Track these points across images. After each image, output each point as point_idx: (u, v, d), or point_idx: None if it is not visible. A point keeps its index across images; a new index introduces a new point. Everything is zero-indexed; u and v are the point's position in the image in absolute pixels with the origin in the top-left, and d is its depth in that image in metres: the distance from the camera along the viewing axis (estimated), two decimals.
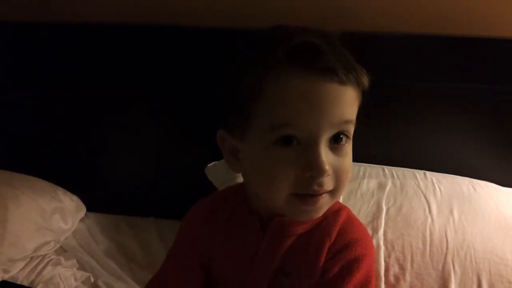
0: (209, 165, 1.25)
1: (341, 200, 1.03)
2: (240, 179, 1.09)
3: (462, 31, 1.16)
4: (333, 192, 0.70)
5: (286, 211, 0.72)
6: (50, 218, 1.27)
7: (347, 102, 0.67)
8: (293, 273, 0.75)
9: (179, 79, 1.31)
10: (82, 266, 1.23)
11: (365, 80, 0.71)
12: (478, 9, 1.18)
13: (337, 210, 0.79)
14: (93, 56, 1.34)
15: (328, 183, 0.67)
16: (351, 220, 0.79)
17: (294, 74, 0.65)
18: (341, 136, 0.68)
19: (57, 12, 1.35)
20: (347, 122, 0.68)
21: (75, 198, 1.39)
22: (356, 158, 1.15)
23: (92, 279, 1.18)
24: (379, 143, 1.26)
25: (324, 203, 0.70)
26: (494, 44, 1.14)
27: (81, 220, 1.40)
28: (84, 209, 1.41)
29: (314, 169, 0.65)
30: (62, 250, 1.27)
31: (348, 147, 0.70)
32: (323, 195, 0.68)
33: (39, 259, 1.18)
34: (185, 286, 0.81)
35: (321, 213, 0.71)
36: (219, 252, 0.81)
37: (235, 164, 0.75)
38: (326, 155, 0.66)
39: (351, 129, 0.69)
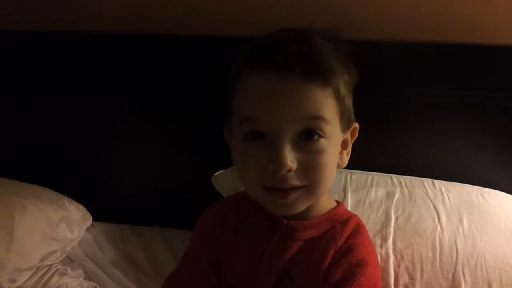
0: (215, 174, 1.25)
1: (349, 209, 1.02)
2: None
3: (471, 39, 1.16)
4: (308, 189, 0.71)
5: (264, 205, 0.75)
6: (56, 227, 1.26)
7: (311, 99, 0.68)
8: (298, 278, 0.75)
9: (184, 89, 1.31)
10: (88, 276, 1.22)
11: (341, 80, 0.72)
12: (485, 15, 1.17)
13: (347, 219, 0.79)
14: (99, 66, 1.34)
15: (293, 178, 0.69)
16: (359, 229, 0.79)
17: (255, 71, 0.69)
18: (312, 132, 0.69)
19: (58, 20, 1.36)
20: (314, 118, 0.69)
21: (81, 207, 1.38)
22: (363, 167, 1.17)
23: None
24: (387, 152, 1.26)
25: (297, 199, 0.71)
26: (502, 51, 1.14)
27: (87, 229, 1.39)
28: (90, 218, 1.41)
29: (275, 163, 0.67)
30: (69, 260, 1.26)
31: (322, 144, 0.70)
32: (294, 191, 0.70)
33: (45, 268, 1.17)
34: None
35: (297, 209, 0.73)
36: (229, 254, 0.81)
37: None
38: (289, 150, 0.68)
39: (323, 126, 0.70)
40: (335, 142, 0.73)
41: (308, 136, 0.69)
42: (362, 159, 0.81)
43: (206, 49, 1.26)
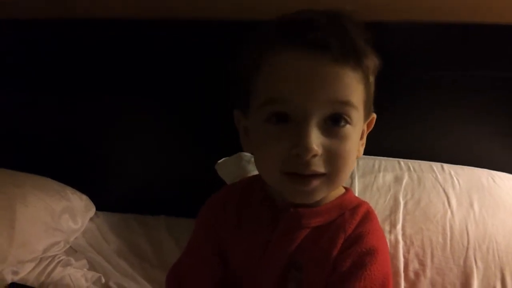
0: (219, 161, 1.23)
1: (356, 195, 1.00)
2: (251, 173, 1.07)
3: (481, 19, 1.12)
4: (328, 177, 0.68)
5: (281, 192, 0.72)
6: (59, 218, 1.25)
7: (343, 83, 0.65)
8: (305, 266, 0.73)
9: (185, 84, 1.30)
10: (92, 266, 1.21)
11: (372, 64, 0.69)
12: None
13: (356, 206, 0.77)
14: (104, 57, 1.33)
15: (317, 164, 0.66)
16: (369, 216, 0.76)
17: (285, 49, 0.65)
18: (339, 118, 0.66)
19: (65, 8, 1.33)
20: (344, 103, 0.66)
21: (84, 197, 1.37)
22: (370, 151, 1.15)
23: (103, 280, 1.16)
24: (394, 136, 1.23)
25: (318, 187, 0.68)
26: None
27: (91, 219, 1.38)
28: (94, 208, 1.40)
29: (300, 147, 0.64)
30: (72, 251, 1.25)
31: (348, 131, 0.67)
32: (316, 178, 0.67)
33: (48, 260, 1.16)
34: (201, 279, 0.80)
35: (316, 197, 0.70)
36: (233, 243, 0.80)
37: (247, 143, 0.76)
38: (316, 135, 0.65)
39: (351, 112, 0.67)
40: (358, 130, 0.71)
41: (335, 121, 0.66)
42: (369, 143, 0.78)
43: (206, 39, 1.24)
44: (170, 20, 1.26)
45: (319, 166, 0.66)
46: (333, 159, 0.67)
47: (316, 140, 0.64)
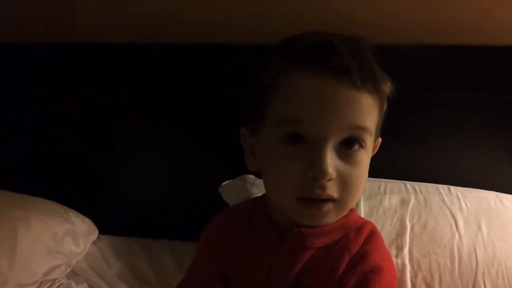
0: (223, 184, 1.23)
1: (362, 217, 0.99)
2: (257, 195, 1.06)
3: (488, 41, 1.13)
4: (339, 203, 0.67)
5: (291, 214, 0.71)
6: (61, 241, 1.23)
7: (361, 108, 0.65)
8: (310, 287, 0.71)
9: (191, 102, 1.31)
10: None
11: (387, 89, 0.69)
12: (503, 18, 1.15)
13: (360, 226, 0.76)
14: (104, 80, 1.34)
15: (331, 188, 0.65)
16: (373, 235, 0.75)
17: (306, 72, 0.65)
18: (354, 141, 0.66)
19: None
20: (360, 128, 0.66)
21: (87, 220, 1.36)
22: (376, 173, 1.13)
23: None
24: (399, 158, 1.23)
25: (329, 212, 0.68)
26: None
27: (93, 242, 1.36)
28: (96, 232, 1.38)
29: (316, 169, 0.63)
30: (73, 274, 1.23)
31: (361, 156, 0.67)
32: (328, 203, 0.66)
33: (49, 283, 1.14)
34: None
35: (326, 221, 0.70)
36: (236, 264, 0.78)
37: (253, 162, 0.75)
38: (332, 158, 0.64)
39: (365, 137, 0.67)
40: (369, 155, 0.71)
41: (349, 145, 0.66)
42: (375, 165, 0.77)
43: (214, 58, 1.26)
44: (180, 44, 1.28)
45: (333, 190, 0.66)
46: (346, 184, 0.66)
47: (331, 163, 0.64)
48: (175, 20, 1.28)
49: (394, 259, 0.95)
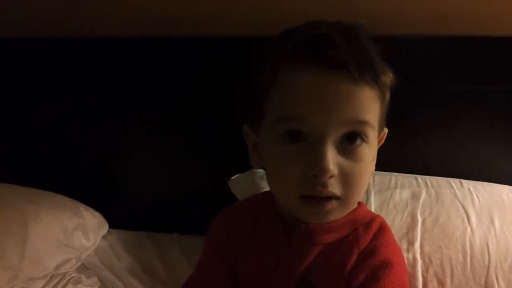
0: (232, 177, 1.22)
1: (373, 211, 0.98)
2: (264, 190, 1.06)
3: (497, 31, 1.11)
4: (343, 199, 0.66)
5: (297, 213, 0.70)
6: (71, 235, 1.24)
7: (360, 101, 0.64)
8: (318, 283, 0.71)
9: (199, 95, 1.30)
10: (104, 284, 1.19)
11: (388, 80, 0.68)
12: (504, 8, 1.13)
13: (369, 220, 0.75)
14: (111, 76, 1.34)
15: (334, 185, 0.64)
16: (382, 229, 0.74)
17: (303, 67, 0.64)
18: (355, 136, 0.65)
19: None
20: (361, 122, 0.65)
21: (97, 214, 1.36)
22: (386, 167, 1.12)
23: None
24: (410, 152, 1.22)
25: (333, 209, 0.67)
26: None
27: (103, 236, 1.37)
28: (107, 226, 1.39)
29: (317, 167, 0.62)
30: (84, 268, 1.24)
31: (363, 150, 0.66)
32: (331, 201, 0.65)
33: (59, 277, 1.14)
34: None
35: (330, 218, 0.69)
36: (244, 259, 0.78)
37: (257, 159, 0.75)
38: (332, 155, 0.63)
39: (367, 131, 0.65)
40: (373, 148, 0.70)
41: (351, 140, 0.65)
42: (384, 159, 0.77)
43: (217, 51, 1.26)
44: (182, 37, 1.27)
45: (335, 187, 0.65)
46: (349, 180, 0.65)
47: (332, 160, 0.63)
48: (175, 15, 1.28)
49: (405, 254, 0.94)
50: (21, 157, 1.45)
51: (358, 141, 0.65)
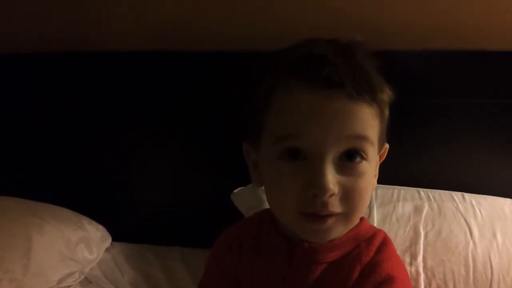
0: (235, 191, 1.22)
1: (375, 225, 0.98)
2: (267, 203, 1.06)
3: (497, 46, 1.12)
4: (345, 216, 0.66)
5: (296, 230, 0.70)
6: (75, 248, 1.24)
7: (358, 118, 0.64)
8: None
9: (202, 107, 1.31)
10: None
11: (386, 97, 0.68)
12: (503, 22, 1.14)
13: (371, 236, 0.74)
14: (116, 88, 1.35)
15: (334, 204, 0.64)
16: (384, 244, 0.74)
17: (300, 86, 0.64)
18: (355, 153, 0.64)
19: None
20: (360, 138, 0.64)
21: (100, 227, 1.36)
22: (388, 180, 1.13)
23: None
24: (412, 165, 1.22)
25: (334, 226, 0.66)
26: None
27: (107, 250, 1.37)
28: (110, 239, 1.39)
29: (317, 187, 0.62)
30: (87, 281, 1.24)
31: (363, 167, 0.65)
32: (331, 216, 0.65)
33: None
34: None
35: (331, 236, 0.68)
36: (247, 279, 0.77)
37: (257, 177, 0.74)
38: (332, 173, 0.63)
39: (366, 147, 0.65)
40: (373, 165, 0.69)
41: (350, 157, 0.64)
42: (386, 173, 0.77)
43: (223, 65, 1.26)
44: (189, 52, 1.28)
45: (336, 206, 0.64)
46: (350, 197, 0.65)
47: (332, 179, 0.62)
48: (179, 27, 1.29)
49: (408, 267, 0.94)
50: (24, 170, 1.46)
51: (358, 159, 0.65)
